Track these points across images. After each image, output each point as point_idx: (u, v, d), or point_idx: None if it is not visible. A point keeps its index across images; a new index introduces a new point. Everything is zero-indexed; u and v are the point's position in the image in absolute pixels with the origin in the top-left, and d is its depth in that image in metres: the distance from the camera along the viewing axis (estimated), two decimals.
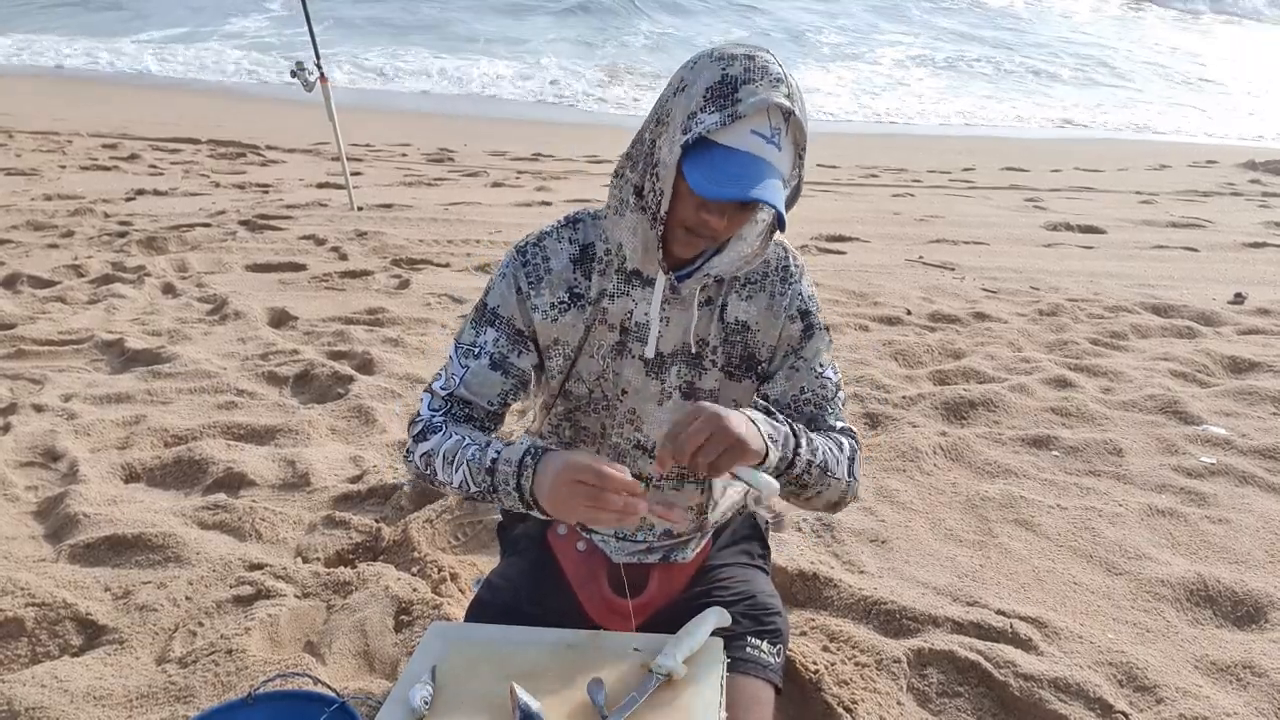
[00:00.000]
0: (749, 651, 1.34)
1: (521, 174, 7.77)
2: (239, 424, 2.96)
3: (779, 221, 1.16)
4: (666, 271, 1.27)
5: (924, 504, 2.66)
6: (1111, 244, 6.11)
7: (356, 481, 2.64)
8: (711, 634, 1.27)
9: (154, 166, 7.49)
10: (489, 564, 2.25)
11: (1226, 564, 2.38)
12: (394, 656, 1.92)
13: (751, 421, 1.16)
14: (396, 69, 13.49)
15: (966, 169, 8.96)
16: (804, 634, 2.03)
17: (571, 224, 1.36)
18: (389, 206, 6.22)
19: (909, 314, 4.39)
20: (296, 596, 2.08)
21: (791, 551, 2.34)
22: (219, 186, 6.83)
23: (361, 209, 6.10)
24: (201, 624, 1.98)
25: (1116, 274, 5.31)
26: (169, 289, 4.41)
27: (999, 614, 2.10)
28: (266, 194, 6.60)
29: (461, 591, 2.14)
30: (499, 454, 1.22)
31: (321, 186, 6.90)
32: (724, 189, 1.10)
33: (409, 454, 1.36)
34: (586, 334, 1.35)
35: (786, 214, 1.17)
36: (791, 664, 1.87)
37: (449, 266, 4.97)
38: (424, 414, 1.37)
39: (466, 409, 1.37)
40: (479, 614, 1.42)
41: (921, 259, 5.51)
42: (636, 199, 1.23)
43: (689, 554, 1.50)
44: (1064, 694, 1.84)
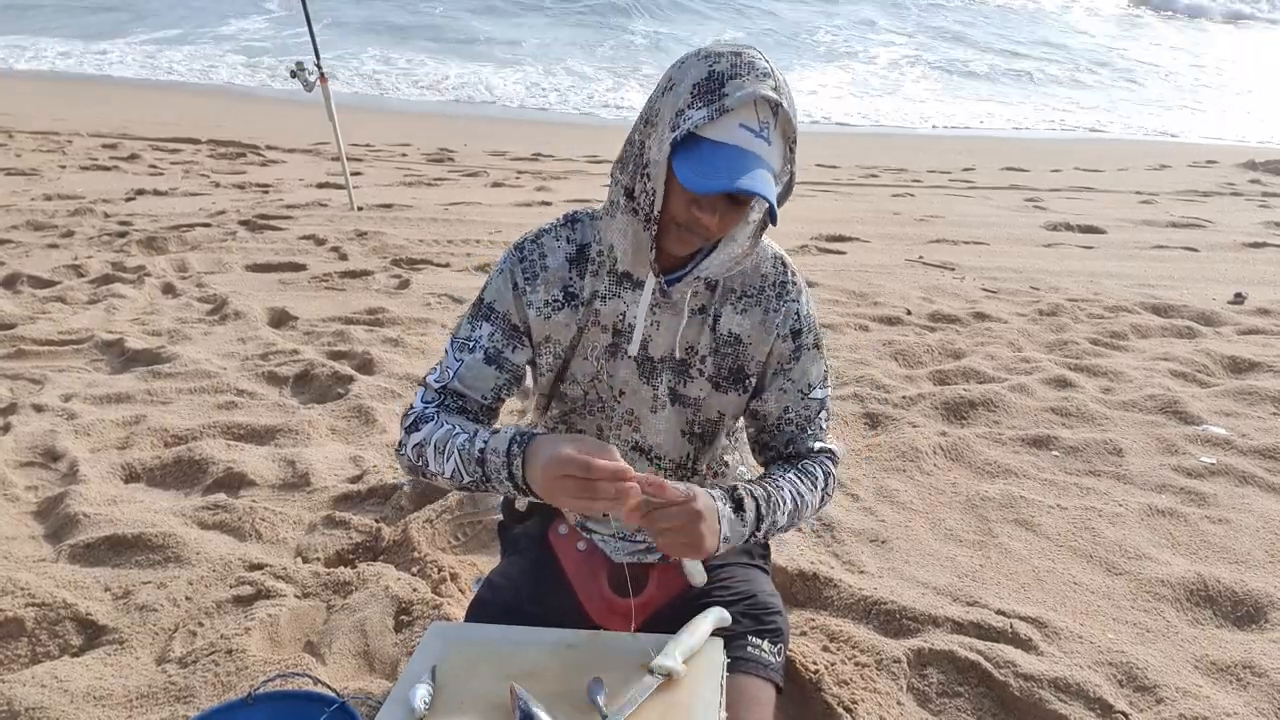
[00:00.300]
0: (749, 651, 1.34)
1: (521, 174, 7.77)
2: (239, 424, 2.96)
3: (771, 215, 1.16)
4: (657, 274, 1.27)
5: (924, 504, 2.66)
6: (1111, 244, 6.11)
7: (356, 481, 2.64)
8: (711, 634, 1.27)
9: (154, 166, 7.49)
10: (489, 564, 2.25)
11: (1226, 564, 2.38)
12: (394, 656, 1.92)
13: (718, 520, 1.20)
14: (395, 70, 13.48)
15: (966, 169, 8.96)
16: (804, 634, 2.03)
17: (570, 223, 1.36)
18: (389, 206, 6.22)
19: (909, 314, 4.39)
20: (296, 596, 2.08)
21: (791, 551, 2.34)
22: (219, 186, 6.83)
23: (361, 209, 6.10)
24: (201, 624, 1.98)
25: (1116, 274, 5.31)
26: (169, 289, 4.41)
27: (999, 614, 2.10)
28: (266, 194, 6.60)
29: (461, 591, 2.14)
30: (485, 443, 1.23)
31: (321, 186, 6.90)
32: (711, 181, 1.10)
33: (401, 447, 1.35)
34: (579, 335, 1.35)
35: (780, 208, 1.17)
36: (791, 664, 1.87)
37: (449, 266, 4.97)
38: (417, 406, 1.37)
39: (460, 402, 1.37)
40: (479, 613, 1.42)
41: (921, 259, 5.50)
42: (627, 200, 1.23)
43: None
44: (1064, 694, 1.84)
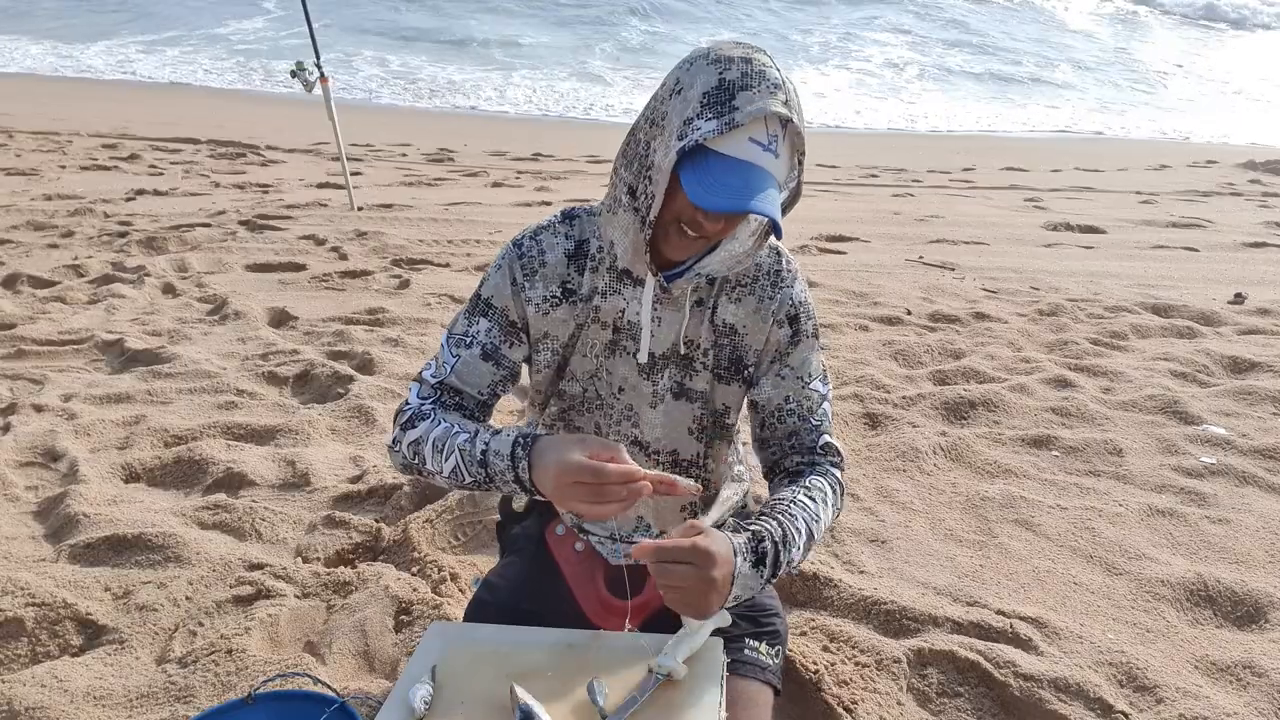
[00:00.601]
0: (747, 653, 1.34)
1: (521, 174, 7.78)
2: (239, 424, 2.96)
3: (775, 231, 1.16)
4: (655, 273, 1.27)
5: (924, 504, 2.66)
6: (1111, 244, 6.11)
7: (356, 481, 2.64)
8: (711, 634, 1.27)
9: (154, 166, 7.49)
10: (489, 564, 2.25)
11: (1226, 564, 2.38)
12: (394, 656, 1.92)
13: (731, 581, 1.11)
14: (396, 70, 13.48)
15: (966, 169, 8.96)
16: (804, 634, 2.02)
17: (568, 219, 1.36)
18: (389, 206, 6.22)
19: (909, 314, 4.39)
20: (296, 596, 2.08)
21: None
22: (219, 186, 6.83)
23: (361, 209, 6.11)
24: (201, 624, 1.98)
25: (1116, 274, 5.31)
26: (169, 289, 4.41)
27: (999, 614, 2.10)
28: (266, 194, 6.60)
29: (461, 591, 2.14)
30: (488, 445, 1.21)
31: (321, 186, 6.91)
32: (721, 201, 1.09)
33: (395, 443, 1.33)
34: (578, 332, 1.35)
35: (785, 217, 1.16)
36: (791, 664, 1.87)
37: (449, 266, 4.97)
38: (412, 402, 1.35)
39: (457, 398, 1.36)
40: (478, 614, 1.42)
41: (921, 259, 5.51)
42: (629, 199, 1.22)
43: None
44: (1064, 694, 1.83)
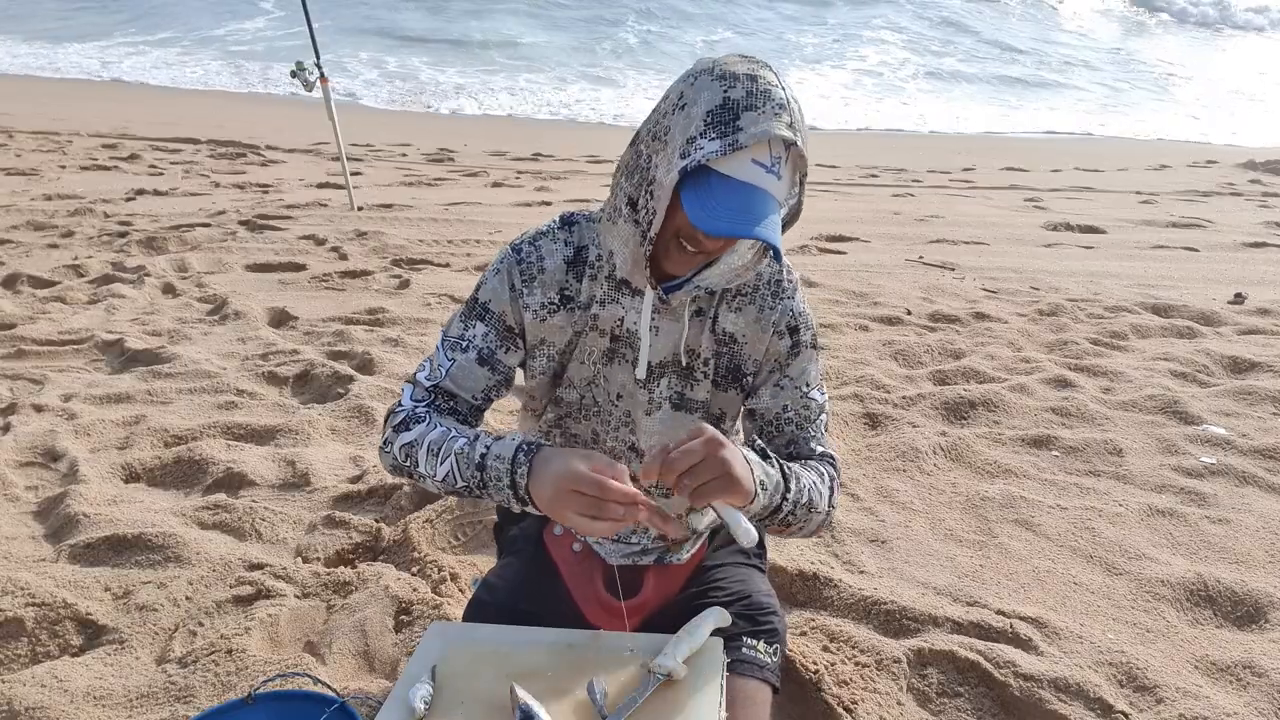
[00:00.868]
0: (745, 652, 1.34)
1: (521, 174, 7.78)
2: (239, 424, 2.96)
3: (775, 255, 1.15)
4: (654, 287, 1.26)
5: (924, 504, 2.66)
6: (1111, 244, 6.11)
7: (356, 481, 2.64)
8: (711, 634, 1.27)
9: (154, 166, 7.49)
10: (489, 564, 2.25)
11: (1226, 564, 2.38)
12: (394, 656, 1.92)
13: (746, 461, 1.13)
14: (394, 72, 13.47)
15: (966, 169, 8.97)
16: (804, 634, 2.02)
17: (567, 225, 1.35)
18: (389, 206, 6.22)
19: (909, 314, 4.39)
20: (296, 596, 2.08)
21: (791, 551, 2.34)
22: (219, 186, 6.83)
23: (361, 209, 6.11)
24: (201, 624, 1.98)
25: (1116, 274, 5.31)
26: (169, 289, 4.41)
27: (999, 614, 2.10)
28: (266, 194, 6.60)
29: (461, 591, 2.14)
30: (488, 449, 1.20)
31: (321, 186, 6.91)
32: (723, 225, 1.08)
33: (386, 445, 1.33)
34: (576, 339, 1.34)
35: (784, 234, 1.15)
36: (791, 664, 1.87)
37: (449, 266, 4.97)
38: (405, 404, 1.34)
39: (450, 401, 1.35)
40: (476, 614, 1.41)
41: (921, 259, 5.51)
42: (630, 210, 1.22)
43: (684, 555, 1.49)
44: (1064, 694, 1.83)
